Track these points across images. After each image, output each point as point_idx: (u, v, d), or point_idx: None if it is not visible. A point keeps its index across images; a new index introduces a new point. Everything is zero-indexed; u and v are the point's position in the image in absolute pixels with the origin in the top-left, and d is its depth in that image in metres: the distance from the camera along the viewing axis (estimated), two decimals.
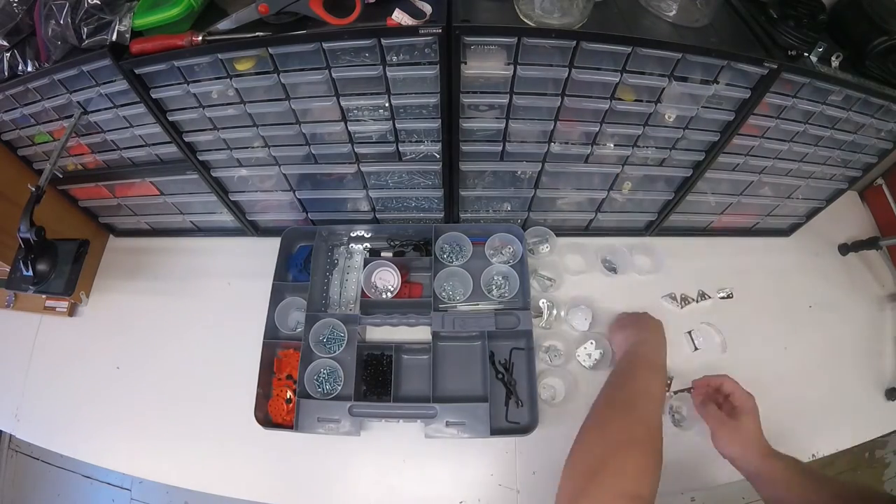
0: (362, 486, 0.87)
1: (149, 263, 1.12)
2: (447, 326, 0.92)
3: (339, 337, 0.93)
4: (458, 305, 0.97)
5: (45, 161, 0.91)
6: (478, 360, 0.93)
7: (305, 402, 0.87)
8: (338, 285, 1.01)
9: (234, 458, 0.89)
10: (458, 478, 0.87)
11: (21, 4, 0.72)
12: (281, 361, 0.94)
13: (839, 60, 0.75)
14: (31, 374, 1.01)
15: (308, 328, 0.92)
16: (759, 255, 1.12)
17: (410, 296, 0.99)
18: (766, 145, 0.86)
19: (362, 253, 1.04)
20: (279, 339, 0.95)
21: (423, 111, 0.79)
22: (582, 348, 0.95)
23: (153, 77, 0.74)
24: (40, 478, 1.83)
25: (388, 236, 1.05)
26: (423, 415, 0.86)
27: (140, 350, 1.01)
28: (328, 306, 0.99)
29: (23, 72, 0.76)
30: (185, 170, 0.91)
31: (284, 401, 0.90)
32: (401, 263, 1.00)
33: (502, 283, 1.00)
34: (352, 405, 0.86)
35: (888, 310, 1.08)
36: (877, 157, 0.95)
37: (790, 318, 1.04)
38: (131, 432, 0.94)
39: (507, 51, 0.69)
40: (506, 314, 0.93)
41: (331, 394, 0.90)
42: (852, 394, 0.97)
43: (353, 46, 0.68)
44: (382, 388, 0.91)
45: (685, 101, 0.78)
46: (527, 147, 0.85)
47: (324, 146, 0.86)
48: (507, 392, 0.91)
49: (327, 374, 0.92)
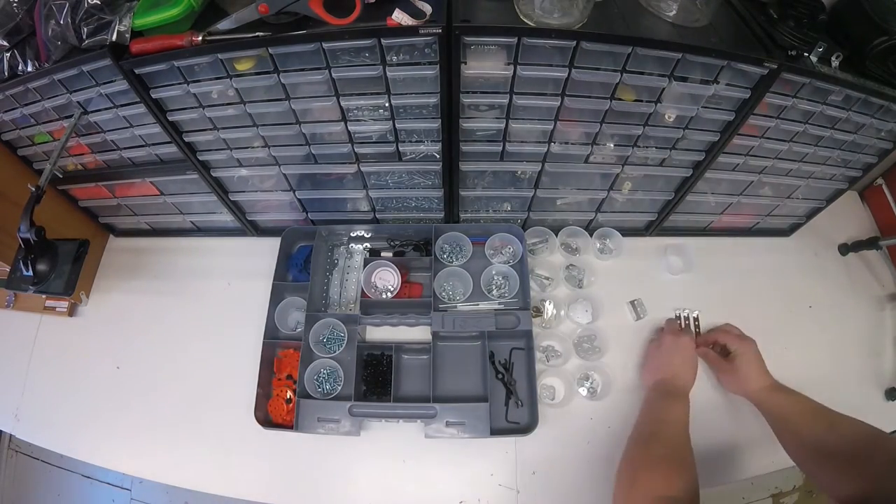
0: (362, 485, 0.87)
1: (149, 263, 1.12)
2: (447, 326, 0.92)
3: (339, 337, 0.93)
4: (458, 305, 0.97)
5: (45, 161, 0.91)
6: (478, 360, 0.93)
7: (305, 402, 0.87)
8: (338, 285, 1.01)
9: (234, 458, 0.89)
10: (457, 478, 0.87)
11: (21, 4, 0.72)
12: (281, 361, 0.94)
13: (839, 60, 0.75)
14: (31, 374, 1.01)
15: (308, 328, 0.92)
16: (759, 255, 1.12)
17: (410, 296, 0.99)
18: (766, 145, 0.86)
19: (362, 253, 1.04)
20: (279, 339, 0.95)
21: (423, 111, 0.79)
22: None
23: (153, 77, 0.74)
24: (40, 478, 1.83)
25: (388, 236, 1.05)
26: (423, 415, 0.86)
27: (140, 350, 1.01)
28: (328, 306, 0.99)
29: (23, 72, 0.76)
30: (185, 170, 0.91)
31: (284, 401, 0.90)
32: (401, 263, 1.00)
33: (502, 283, 1.00)
34: (352, 405, 0.86)
35: (888, 310, 1.08)
36: (877, 157, 0.95)
37: (790, 318, 1.04)
38: (131, 432, 0.94)
39: (507, 51, 0.69)
40: (506, 314, 0.93)
41: (331, 394, 0.90)
42: (852, 394, 0.97)
43: (353, 46, 0.68)
44: (382, 389, 0.91)
45: (685, 101, 0.78)
46: (527, 147, 0.85)
47: (324, 146, 0.86)
48: (506, 392, 0.91)
49: (327, 374, 0.92)
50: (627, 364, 0.96)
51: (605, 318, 1.00)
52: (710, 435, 0.90)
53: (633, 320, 1.00)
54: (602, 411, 0.91)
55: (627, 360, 0.96)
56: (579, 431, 0.90)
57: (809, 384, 0.97)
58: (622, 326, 0.99)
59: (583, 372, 0.94)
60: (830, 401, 0.95)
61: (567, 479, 0.87)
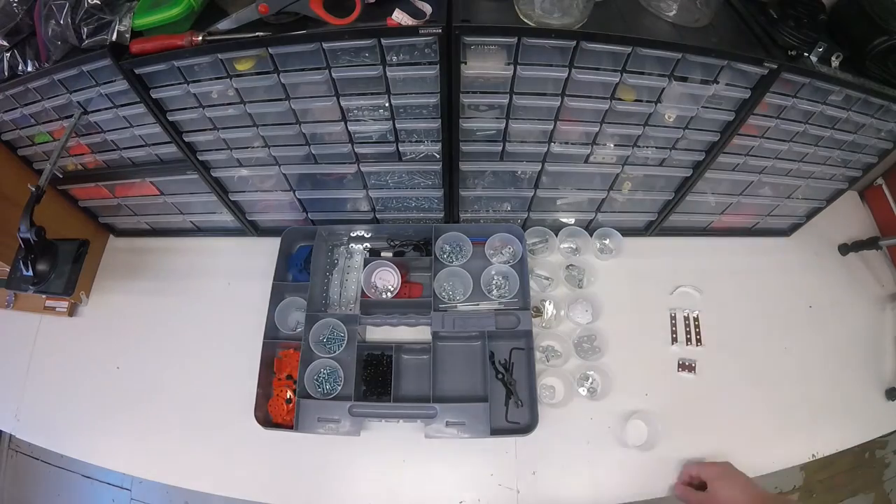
0: (362, 485, 0.87)
1: (149, 263, 1.12)
2: (447, 326, 0.92)
3: (339, 337, 0.93)
4: (459, 305, 0.97)
5: (45, 161, 0.91)
6: (478, 360, 0.93)
7: (305, 402, 0.87)
8: (338, 285, 1.01)
9: (234, 458, 0.89)
10: (458, 478, 0.87)
11: (21, 4, 0.72)
12: (281, 361, 0.94)
13: (839, 60, 0.75)
14: (31, 374, 1.01)
15: (308, 328, 0.92)
16: (759, 255, 1.12)
17: (410, 296, 0.99)
18: (766, 145, 0.86)
19: (362, 253, 1.04)
20: (279, 338, 0.95)
21: (423, 111, 0.79)
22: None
23: (153, 77, 0.74)
24: (40, 478, 1.83)
25: (388, 236, 1.05)
26: (423, 415, 0.86)
27: (140, 350, 1.01)
28: (328, 306, 0.99)
29: (23, 72, 0.76)
30: (185, 170, 0.91)
31: (284, 401, 0.90)
32: (401, 263, 1.00)
33: (502, 283, 1.00)
34: (352, 405, 0.86)
35: (888, 310, 1.08)
36: (877, 157, 0.95)
37: (790, 318, 1.04)
38: (131, 432, 0.94)
39: (507, 51, 0.69)
40: (506, 314, 0.93)
41: (331, 394, 0.90)
42: (852, 394, 0.97)
43: (353, 46, 0.68)
44: (382, 388, 0.91)
45: (685, 101, 0.78)
46: (527, 147, 0.85)
47: (324, 146, 0.86)
48: (507, 392, 0.91)
49: (327, 374, 0.92)
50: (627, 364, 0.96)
51: (605, 318, 1.00)
52: (709, 434, 0.90)
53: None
54: (602, 411, 0.91)
55: (627, 360, 0.96)
56: (579, 431, 0.90)
57: (809, 384, 0.97)
58: (622, 326, 0.99)
59: (583, 372, 0.94)
60: (830, 401, 0.96)
61: (567, 479, 0.87)
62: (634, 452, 0.88)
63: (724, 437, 0.90)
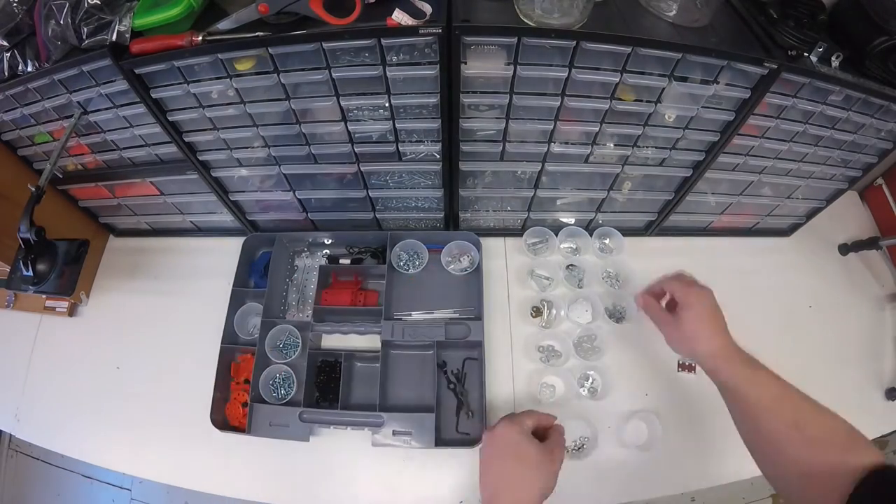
0: (363, 485, 0.87)
1: (149, 263, 1.12)
2: (397, 335, 0.91)
3: (295, 343, 0.94)
4: (413, 314, 0.96)
5: (45, 161, 0.91)
6: (429, 369, 0.92)
7: (258, 406, 0.87)
8: (296, 292, 1.02)
9: (233, 459, 0.89)
10: (458, 479, 0.87)
11: (21, 4, 0.72)
12: (239, 366, 0.95)
13: (839, 60, 0.75)
14: (31, 374, 1.01)
15: (264, 334, 0.92)
16: (759, 255, 1.12)
17: (366, 303, 0.98)
18: (766, 145, 0.86)
19: (320, 259, 1.05)
20: (238, 344, 0.95)
21: (423, 111, 0.79)
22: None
23: (153, 77, 0.74)
24: (40, 478, 1.84)
25: (348, 243, 1.05)
26: (369, 423, 0.85)
27: (140, 350, 1.01)
28: (286, 312, 0.99)
29: (23, 72, 0.76)
30: (185, 170, 0.91)
31: (241, 404, 0.91)
32: (358, 271, 1.00)
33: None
34: (302, 411, 0.86)
35: (888, 310, 1.08)
36: (877, 157, 0.95)
37: (790, 318, 1.04)
38: (131, 432, 0.94)
39: (507, 51, 0.69)
40: (457, 324, 0.92)
41: (285, 399, 0.90)
42: (852, 394, 0.97)
43: (353, 46, 0.68)
44: (334, 395, 0.90)
45: (685, 101, 0.78)
46: (527, 147, 0.85)
47: (324, 146, 0.86)
48: (458, 402, 0.90)
49: (282, 380, 0.92)
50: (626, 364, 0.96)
51: (605, 318, 0.99)
52: (709, 434, 0.90)
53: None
54: (602, 411, 0.91)
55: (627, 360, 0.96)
56: (579, 431, 0.90)
57: (809, 384, 0.97)
58: (622, 326, 0.99)
59: (583, 372, 0.94)
60: (831, 401, 0.95)
61: (566, 479, 0.87)
62: (634, 452, 0.88)
63: (724, 437, 0.90)
